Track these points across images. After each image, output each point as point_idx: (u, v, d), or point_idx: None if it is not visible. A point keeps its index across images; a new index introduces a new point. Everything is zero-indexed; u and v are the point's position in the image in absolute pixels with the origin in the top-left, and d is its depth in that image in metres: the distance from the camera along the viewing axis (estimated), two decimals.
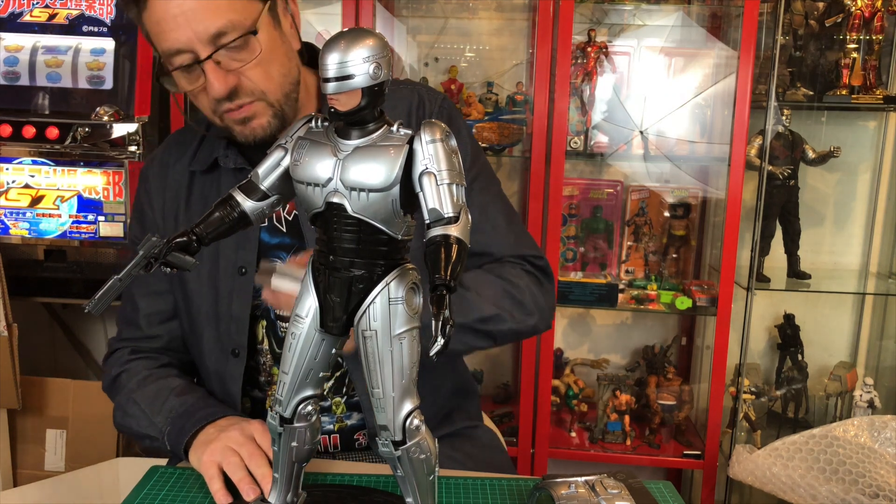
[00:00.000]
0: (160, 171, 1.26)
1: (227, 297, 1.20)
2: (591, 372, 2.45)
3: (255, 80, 1.08)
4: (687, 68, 2.34)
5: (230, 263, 1.19)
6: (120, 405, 1.21)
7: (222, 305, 1.20)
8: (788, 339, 2.38)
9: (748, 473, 2.05)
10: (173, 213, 1.23)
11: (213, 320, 1.21)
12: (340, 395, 1.23)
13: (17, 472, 2.23)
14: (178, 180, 1.24)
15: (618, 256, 2.43)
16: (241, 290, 1.19)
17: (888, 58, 2.32)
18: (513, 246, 1.23)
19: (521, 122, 2.29)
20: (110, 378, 1.25)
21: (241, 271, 1.19)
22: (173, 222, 1.23)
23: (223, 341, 1.21)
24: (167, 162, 1.26)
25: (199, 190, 1.22)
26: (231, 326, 1.20)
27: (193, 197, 1.22)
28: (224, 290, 1.20)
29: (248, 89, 1.09)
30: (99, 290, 0.80)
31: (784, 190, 2.23)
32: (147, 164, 1.30)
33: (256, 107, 1.10)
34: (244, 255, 1.19)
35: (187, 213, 1.21)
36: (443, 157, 0.78)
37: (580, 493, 0.89)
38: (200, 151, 1.23)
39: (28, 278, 2.10)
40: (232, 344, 1.20)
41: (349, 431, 1.24)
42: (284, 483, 0.91)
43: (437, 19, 2.47)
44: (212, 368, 1.23)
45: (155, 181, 1.26)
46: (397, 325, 0.80)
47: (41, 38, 1.99)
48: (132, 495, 1.03)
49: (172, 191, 1.24)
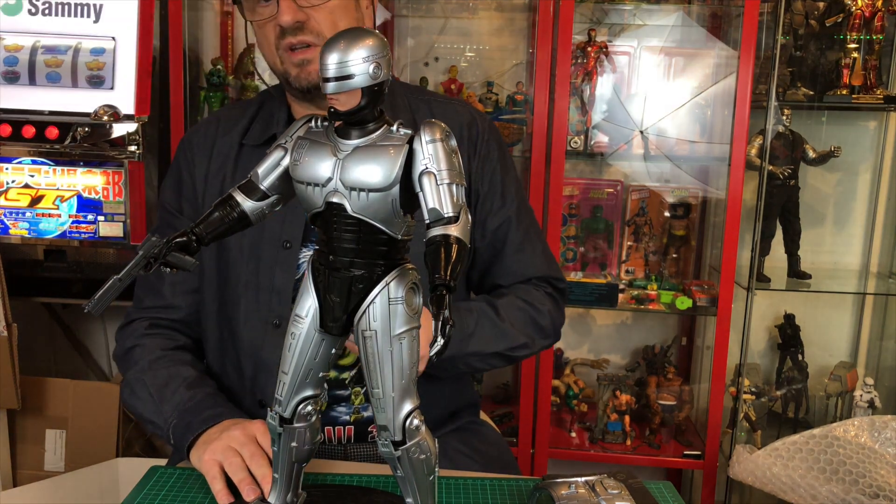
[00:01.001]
0: (206, 141, 1.30)
1: (270, 268, 1.21)
2: (591, 372, 2.45)
3: (321, 23, 1.15)
4: (687, 68, 2.34)
5: (275, 236, 1.21)
6: (129, 382, 1.22)
7: (263, 276, 1.21)
8: (789, 339, 2.38)
9: (748, 474, 2.05)
10: (219, 180, 1.26)
11: (253, 290, 1.22)
12: (361, 385, 1.23)
13: (16, 472, 2.22)
14: (224, 151, 1.27)
15: (618, 256, 2.43)
16: (284, 262, 1.21)
17: (888, 58, 2.32)
18: (543, 268, 1.32)
19: (521, 121, 2.29)
20: (123, 349, 1.26)
21: (286, 245, 1.21)
22: (218, 191, 1.25)
23: (262, 312, 1.22)
24: (215, 133, 1.30)
25: (246, 163, 1.25)
26: (272, 298, 1.21)
27: (240, 169, 1.25)
28: (266, 261, 1.21)
29: (314, 29, 1.15)
30: (99, 291, 0.80)
31: (784, 190, 2.23)
32: (190, 133, 1.34)
33: (316, 52, 1.15)
34: (290, 229, 1.21)
35: (233, 183, 1.22)
36: (443, 156, 0.78)
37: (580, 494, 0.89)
38: (254, 126, 1.28)
39: (28, 278, 2.10)
40: (273, 316, 1.21)
41: (364, 423, 1.25)
42: (284, 483, 0.91)
43: (437, 19, 2.47)
44: (246, 338, 1.23)
45: (199, 149, 1.29)
46: (397, 326, 0.80)
47: (41, 38, 1.99)
48: (132, 495, 1.03)
49: (219, 160, 1.27)
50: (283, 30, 1.15)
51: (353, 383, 1.23)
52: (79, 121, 1.97)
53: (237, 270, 1.23)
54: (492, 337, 1.19)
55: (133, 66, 1.98)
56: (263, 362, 1.22)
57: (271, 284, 1.21)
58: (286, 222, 1.21)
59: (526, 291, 1.28)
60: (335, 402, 1.23)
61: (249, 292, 1.22)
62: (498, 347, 1.20)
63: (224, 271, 1.25)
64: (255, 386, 1.23)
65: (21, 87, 1.98)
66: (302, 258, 1.22)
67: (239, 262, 1.23)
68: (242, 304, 1.23)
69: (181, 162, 1.31)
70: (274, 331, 1.21)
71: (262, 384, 1.22)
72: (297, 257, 1.21)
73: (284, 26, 1.14)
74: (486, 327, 1.19)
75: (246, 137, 1.27)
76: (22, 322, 2.03)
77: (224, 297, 1.25)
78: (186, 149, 1.31)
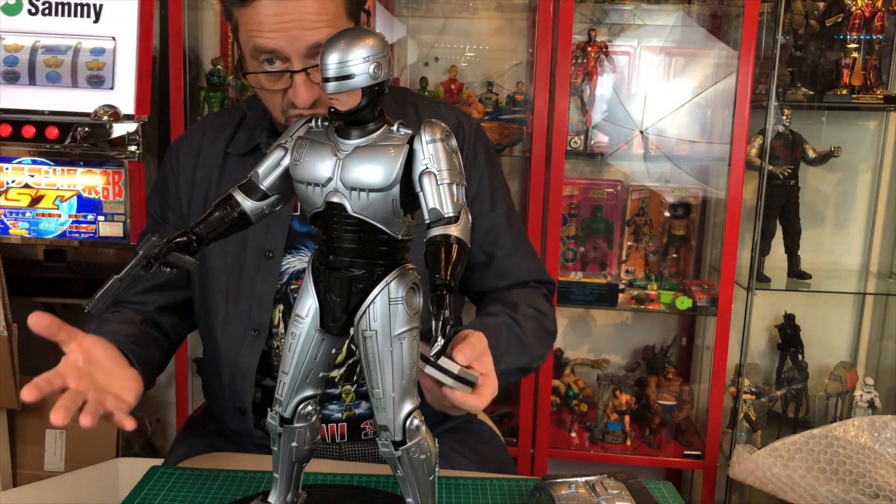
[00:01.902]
0: (191, 150, 1.29)
1: (251, 277, 1.21)
2: (591, 372, 2.45)
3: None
4: (687, 68, 2.34)
5: (258, 245, 1.21)
6: None
7: (245, 285, 1.21)
8: (789, 339, 2.38)
9: (748, 474, 2.05)
10: (203, 191, 1.26)
11: (233, 299, 1.22)
12: (350, 382, 1.23)
13: (16, 473, 2.23)
14: (210, 161, 1.27)
15: (618, 256, 2.43)
16: (267, 272, 1.21)
17: (888, 57, 2.31)
18: (536, 271, 1.32)
19: (521, 121, 2.29)
20: None
21: (268, 254, 1.21)
22: (202, 200, 1.25)
23: (242, 320, 1.22)
24: (200, 143, 1.29)
25: (232, 172, 1.24)
26: (253, 307, 1.21)
27: (225, 178, 1.25)
28: (248, 270, 1.21)
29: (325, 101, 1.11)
30: (99, 290, 0.80)
31: (784, 190, 2.23)
32: (178, 142, 1.33)
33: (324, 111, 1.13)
34: (273, 238, 1.21)
35: (218, 192, 1.23)
36: (443, 156, 0.78)
37: (580, 494, 0.89)
38: (238, 135, 1.27)
39: (28, 278, 2.10)
40: (252, 324, 1.21)
41: (357, 420, 1.24)
42: (284, 483, 0.91)
43: (437, 19, 2.47)
44: (223, 345, 1.23)
45: (185, 159, 1.28)
46: (397, 326, 0.80)
47: (41, 38, 1.99)
48: (132, 495, 1.03)
49: (204, 170, 1.27)
50: (296, 105, 1.11)
51: (343, 381, 1.23)
52: (79, 121, 1.97)
53: (218, 278, 1.23)
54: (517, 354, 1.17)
55: (133, 66, 1.98)
56: (240, 370, 1.22)
57: (252, 293, 1.21)
58: (269, 232, 1.20)
59: (531, 297, 1.27)
60: (326, 401, 1.23)
61: (230, 301, 1.22)
62: (521, 363, 1.18)
63: (204, 278, 1.25)
64: (234, 393, 1.24)
65: (21, 87, 1.98)
66: (284, 266, 1.21)
67: (219, 270, 1.23)
68: (221, 311, 1.23)
69: (167, 171, 1.31)
70: (252, 339, 1.21)
71: (240, 392, 1.23)
72: (279, 266, 1.21)
73: (301, 106, 1.09)
74: (513, 344, 1.16)
75: (230, 146, 1.26)
76: (22, 322, 2.03)
77: (204, 304, 1.26)
78: (173, 158, 1.31)
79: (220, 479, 1.08)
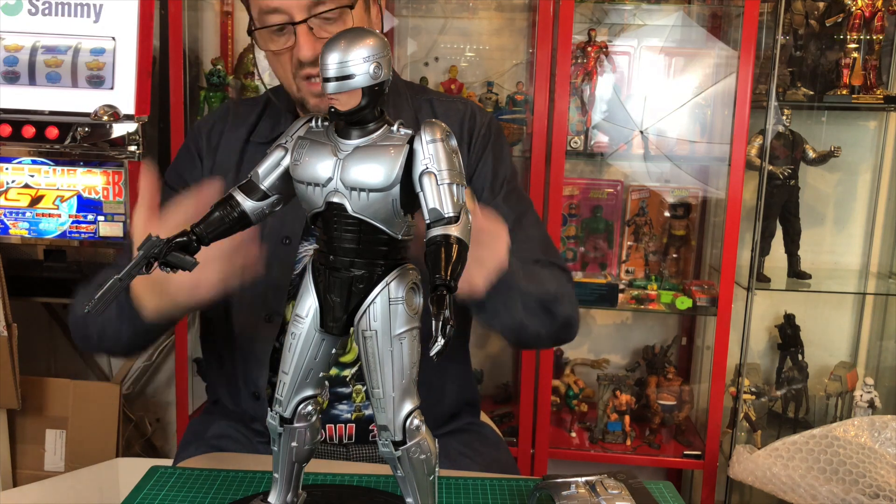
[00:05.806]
0: (212, 134, 1.30)
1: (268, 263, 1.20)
2: (591, 372, 2.45)
3: None
4: (687, 68, 2.34)
5: (274, 231, 1.21)
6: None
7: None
8: (788, 339, 2.38)
9: (748, 473, 2.05)
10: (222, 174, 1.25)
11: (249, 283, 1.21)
12: (362, 382, 1.23)
13: (16, 473, 2.23)
14: (230, 146, 1.28)
15: (618, 256, 2.43)
16: (283, 258, 1.21)
17: (888, 58, 2.31)
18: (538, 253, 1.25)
19: (521, 121, 2.29)
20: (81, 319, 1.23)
21: (285, 241, 1.21)
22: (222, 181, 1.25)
23: (256, 305, 1.22)
24: (221, 129, 1.30)
25: (252, 159, 1.25)
26: (269, 292, 1.21)
27: (245, 165, 1.25)
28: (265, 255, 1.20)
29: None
30: (99, 291, 0.80)
31: (784, 190, 2.23)
32: (200, 122, 1.34)
33: None
34: (290, 225, 1.21)
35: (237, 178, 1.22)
36: (443, 156, 0.78)
37: (580, 494, 0.89)
38: (262, 123, 1.28)
39: (28, 278, 2.10)
40: (267, 310, 1.21)
41: (366, 421, 1.24)
42: (284, 483, 0.91)
43: (437, 19, 2.47)
44: (237, 330, 1.24)
45: (207, 140, 1.30)
46: (397, 326, 0.80)
47: (41, 38, 1.99)
48: (132, 495, 1.03)
49: (224, 154, 1.28)
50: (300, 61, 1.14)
51: (355, 380, 1.23)
52: (79, 121, 1.97)
53: None
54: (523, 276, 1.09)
55: (133, 66, 1.98)
56: (254, 354, 1.23)
57: (268, 279, 1.21)
58: (286, 218, 1.20)
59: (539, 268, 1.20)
60: (336, 400, 1.23)
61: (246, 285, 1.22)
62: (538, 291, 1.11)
63: None
64: (248, 378, 1.24)
65: (21, 87, 1.99)
66: (301, 254, 1.22)
67: None
68: (237, 295, 1.21)
69: (191, 146, 1.32)
70: (265, 325, 1.21)
71: (254, 377, 1.23)
72: (295, 253, 1.22)
73: (303, 61, 1.12)
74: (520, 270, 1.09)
75: (253, 134, 1.28)
76: (22, 322, 2.03)
77: None
78: (197, 136, 1.32)
79: (220, 479, 1.08)
